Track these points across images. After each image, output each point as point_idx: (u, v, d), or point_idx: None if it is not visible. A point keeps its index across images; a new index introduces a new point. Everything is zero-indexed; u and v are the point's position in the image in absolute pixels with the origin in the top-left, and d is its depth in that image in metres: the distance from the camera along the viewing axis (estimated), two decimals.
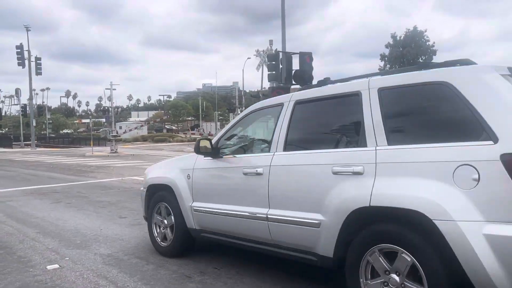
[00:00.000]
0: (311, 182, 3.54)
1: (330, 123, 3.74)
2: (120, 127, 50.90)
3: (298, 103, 3.96)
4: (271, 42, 19.52)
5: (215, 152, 4.57)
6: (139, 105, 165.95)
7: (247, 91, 51.14)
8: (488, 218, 2.53)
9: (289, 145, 3.89)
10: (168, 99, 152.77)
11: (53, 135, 64.69)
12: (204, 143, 4.56)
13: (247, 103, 63.49)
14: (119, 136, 36.58)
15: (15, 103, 48.50)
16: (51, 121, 72.13)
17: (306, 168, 3.62)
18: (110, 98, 33.39)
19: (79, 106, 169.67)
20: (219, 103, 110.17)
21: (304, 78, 16.77)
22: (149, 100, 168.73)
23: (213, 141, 4.61)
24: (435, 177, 2.76)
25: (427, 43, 67.19)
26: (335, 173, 3.32)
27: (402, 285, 2.87)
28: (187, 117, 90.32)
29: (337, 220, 3.23)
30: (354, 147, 3.35)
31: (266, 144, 4.24)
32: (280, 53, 16.43)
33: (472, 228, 2.54)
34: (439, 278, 2.66)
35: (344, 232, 3.22)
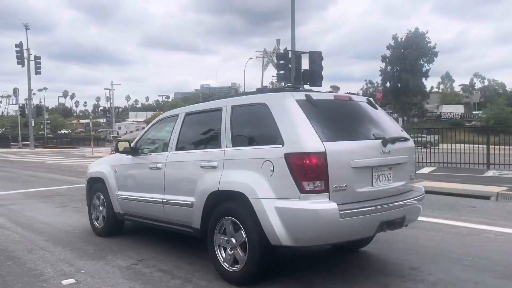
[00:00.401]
0: (188, 174, 4.77)
1: (204, 130, 4.91)
2: (120, 128, 50.31)
3: (187, 114, 5.19)
4: (278, 41, 19.14)
5: (133, 151, 5.72)
6: (137, 106, 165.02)
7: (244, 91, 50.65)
8: (278, 196, 3.75)
9: (179, 146, 5.08)
10: (166, 99, 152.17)
11: (51, 136, 64.06)
12: (123, 144, 5.79)
13: None
14: (120, 137, 36.05)
15: (13, 102, 48.02)
16: (49, 121, 71.45)
17: (186, 164, 4.87)
18: (109, 99, 33.01)
19: (76, 106, 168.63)
20: None
21: (314, 78, 16.34)
22: (147, 101, 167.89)
23: (134, 142, 5.84)
24: (251, 169, 3.97)
25: (429, 45, 67.02)
26: (201, 167, 4.52)
27: (237, 242, 4.09)
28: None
29: (201, 201, 4.42)
30: (214, 148, 4.52)
31: (167, 145, 5.29)
32: (290, 52, 15.96)
33: (269, 202, 3.76)
34: (252, 234, 3.91)
35: (206, 209, 4.41)
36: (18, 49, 37.56)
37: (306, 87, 16.01)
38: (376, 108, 4.67)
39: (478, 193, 9.28)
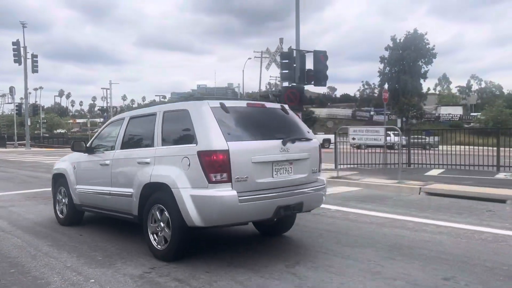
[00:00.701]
0: (129, 169, 5.55)
1: (142, 131, 5.73)
2: None
3: (131, 118, 6.05)
4: (281, 40, 18.87)
5: (88, 149, 6.54)
6: (133, 106, 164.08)
7: (241, 92, 50.20)
8: (192, 186, 4.57)
9: (124, 146, 5.90)
10: (163, 99, 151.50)
11: (47, 135, 63.42)
12: (78, 143, 6.66)
13: None
14: None
15: (9, 101, 47.41)
16: (45, 121, 70.80)
17: (127, 161, 5.65)
18: (105, 98, 32.56)
19: (72, 105, 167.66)
20: None
21: (319, 77, 16.04)
22: (143, 101, 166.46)
23: (89, 142, 6.71)
24: (174, 164, 4.81)
25: (427, 46, 66.90)
26: (138, 163, 5.34)
27: (164, 225, 4.92)
28: None
29: (138, 192, 5.24)
30: (148, 147, 5.36)
31: (114, 144, 6.10)
32: (294, 51, 15.65)
33: (185, 191, 4.58)
34: (174, 218, 4.73)
35: (141, 198, 5.21)
36: (15, 47, 37.04)
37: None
38: (288, 114, 5.59)
39: (493, 196, 9.01)
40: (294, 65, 15.58)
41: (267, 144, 4.90)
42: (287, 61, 15.72)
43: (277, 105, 5.63)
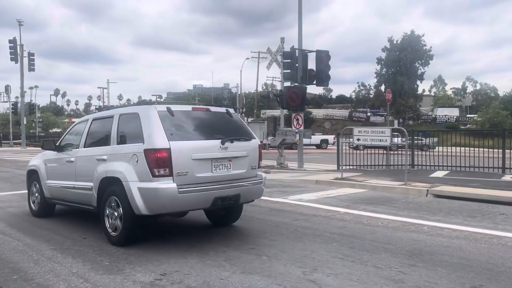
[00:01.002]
0: (90, 165, 6.15)
1: (102, 132, 6.32)
2: None
3: (94, 119, 6.73)
4: (282, 40, 18.46)
5: (57, 148, 7.26)
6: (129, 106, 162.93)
7: (237, 92, 49.78)
8: (139, 179, 5.24)
9: (86, 144, 6.58)
10: (159, 99, 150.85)
11: (42, 134, 62.83)
12: (48, 142, 7.48)
13: (248, 104, 62.80)
14: None
15: (4, 100, 46.84)
16: (41, 120, 70.20)
17: (88, 157, 6.28)
18: (101, 97, 32.10)
19: (68, 105, 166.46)
20: (210, 104, 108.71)
21: (321, 77, 15.87)
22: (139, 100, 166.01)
23: (59, 141, 7.40)
24: (125, 160, 5.47)
25: (424, 48, 67.08)
26: (97, 160, 5.99)
27: (118, 214, 5.56)
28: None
29: (96, 185, 5.88)
30: (106, 145, 5.98)
31: (79, 143, 6.77)
32: (297, 51, 15.45)
33: (134, 184, 5.26)
34: (125, 208, 5.38)
35: (99, 191, 5.85)
36: (12, 45, 36.56)
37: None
38: (232, 117, 6.32)
39: (504, 199, 8.84)
40: (297, 64, 15.42)
41: (207, 144, 5.61)
42: (289, 60, 15.56)
43: (222, 109, 6.36)
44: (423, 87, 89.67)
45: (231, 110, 6.42)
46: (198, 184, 5.38)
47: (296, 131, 16.03)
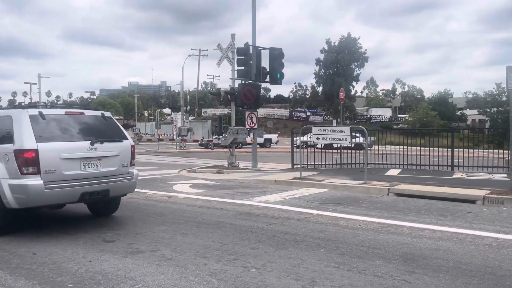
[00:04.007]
0: None
1: (4, 131, 6.17)
2: None
3: None
4: (233, 36, 17.88)
5: None
6: (59, 102, 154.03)
7: (174, 90, 48.44)
8: (10, 177, 5.75)
9: None
10: (92, 96, 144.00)
11: None
12: None
13: (189, 102, 61.18)
14: None
15: None
16: None
17: None
18: (26, 94, 29.49)
19: None
20: (147, 102, 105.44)
21: (274, 75, 15.56)
22: (70, 97, 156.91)
23: None
24: (0, 160, 5.92)
25: (360, 50, 69.60)
26: None
27: None
28: (115, 115, 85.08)
29: None
30: (8, 144, 5.93)
31: None
32: (251, 47, 15.00)
33: (5, 181, 5.76)
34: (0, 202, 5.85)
35: None
36: None
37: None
38: (106, 120, 6.87)
39: (464, 196, 9.01)
40: (251, 62, 14.97)
41: (76, 145, 6.21)
42: (243, 57, 15.06)
43: (97, 113, 6.93)
44: (357, 88, 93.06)
45: (106, 114, 7.04)
46: (65, 181, 5.96)
47: (249, 129, 15.61)
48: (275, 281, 4.17)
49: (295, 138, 16.58)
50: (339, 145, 15.26)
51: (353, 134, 12.52)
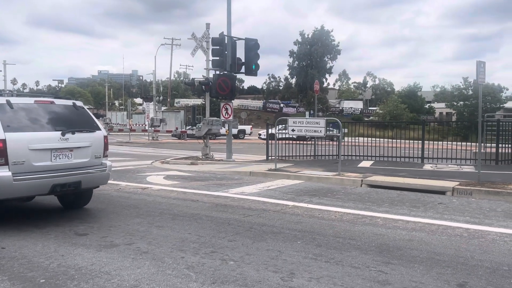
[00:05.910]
0: None
1: None
2: None
3: None
4: (208, 26, 17.63)
5: None
6: (25, 91, 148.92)
7: (147, 80, 47.66)
8: None
9: None
10: (60, 85, 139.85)
11: None
12: None
13: (161, 92, 60.42)
14: None
15: None
16: None
17: None
18: None
19: None
20: (118, 91, 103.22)
21: (249, 66, 15.47)
22: (37, 85, 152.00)
23: None
24: None
25: (333, 43, 70.19)
26: None
27: None
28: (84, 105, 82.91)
29: None
30: None
31: None
32: (226, 38, 14.84)
33: None
34: None
35: None
36: None
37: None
38: (78, 110, 6.65)
39: (434, 188, 9.25)
40: (226, 52, 14.82)
41: (46, 135, 5.96)
42: (218, 47, 14.88)
43: (68, 102, 6.66)
44: (330, 81, 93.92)
45: (78, 103, 6.77)
46: (35, 173, 5.75)
47: (224, 120, 15.51)
48: (253, 274, 4.15)
49: (270, 130, 16.60)
50: (313, 137, 15.39)
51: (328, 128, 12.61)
